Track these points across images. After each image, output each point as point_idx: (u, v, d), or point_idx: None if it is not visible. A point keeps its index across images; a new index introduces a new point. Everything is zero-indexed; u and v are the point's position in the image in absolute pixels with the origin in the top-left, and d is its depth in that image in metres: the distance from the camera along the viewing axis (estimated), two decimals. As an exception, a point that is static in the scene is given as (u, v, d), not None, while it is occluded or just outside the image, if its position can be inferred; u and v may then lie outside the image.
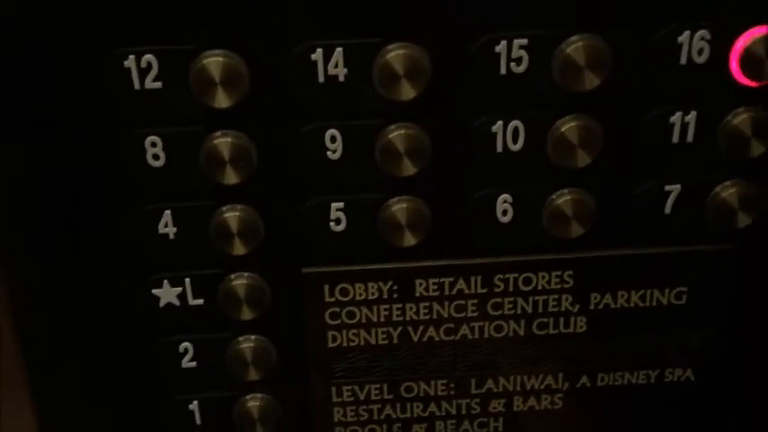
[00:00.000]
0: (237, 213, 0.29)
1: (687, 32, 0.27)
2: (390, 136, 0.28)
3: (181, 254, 0.30)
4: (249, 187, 0.28)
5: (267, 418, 0.32)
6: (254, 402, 0.32)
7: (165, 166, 0.28)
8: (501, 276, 0.31)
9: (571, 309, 0.31)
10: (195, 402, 0.32)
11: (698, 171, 0.29)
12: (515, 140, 0.28)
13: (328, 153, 0.28)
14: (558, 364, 0.32)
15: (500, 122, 0.28)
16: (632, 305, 0.31)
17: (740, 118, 0.28)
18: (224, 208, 0.29)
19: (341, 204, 0.29)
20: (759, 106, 0.28)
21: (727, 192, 0.29)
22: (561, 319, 0.32)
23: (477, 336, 0.32)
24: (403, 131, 0.28)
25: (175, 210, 0.29)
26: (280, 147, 0.28)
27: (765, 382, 0.33)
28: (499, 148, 0.28)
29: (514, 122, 0.28)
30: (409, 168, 0.28)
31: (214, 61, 0.26)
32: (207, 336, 0.31)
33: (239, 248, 0.29)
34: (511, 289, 0.31)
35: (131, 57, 0.26)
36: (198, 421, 0.33)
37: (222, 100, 0.27)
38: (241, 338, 0.31)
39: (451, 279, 0.30)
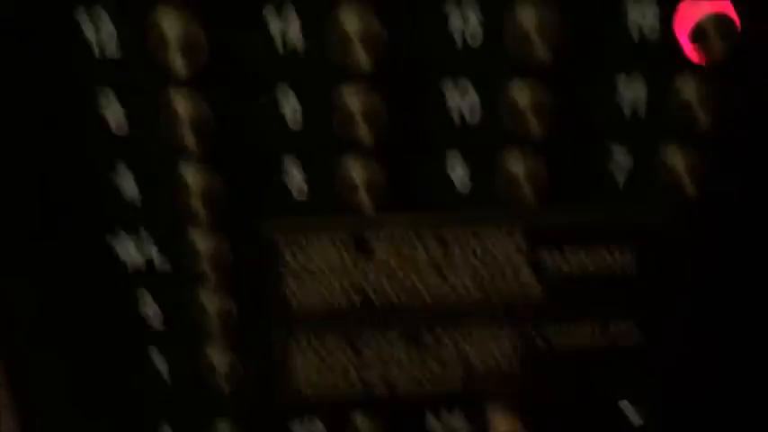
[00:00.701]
0: (195, 172, 0.30)
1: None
2: (346, 99, 0.28)
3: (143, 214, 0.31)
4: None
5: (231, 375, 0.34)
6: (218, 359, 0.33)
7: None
8: (453, 234, 0.31)
9: (521, 270, 0.32)
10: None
11: (645, 137, 0.30)
12: (468, 103, 0.29)
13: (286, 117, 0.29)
14: (513, 323, 0.33)
15: (452, 86, 0.29)
16: (581, 271, 0.32)
17: (687, 88, 0.29)
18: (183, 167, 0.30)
19: (299, 164, 0.30)
20: (711, 78, 0.29)
21: (673, 158, 0.30)
22: (512, 281, 0.33)
23: (432, 293, 0.33)
24: (356, 88, 0.28)
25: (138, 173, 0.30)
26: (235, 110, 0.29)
27: (710, 347, 0.34)
28: (453, 114, 0.29)
29: (465, 83, 0.29)
30: (365, 134, 0.29)
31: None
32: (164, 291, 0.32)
33: (199, 206, 0.30)
34: (465, 250, 0.32)
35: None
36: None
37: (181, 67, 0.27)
38: (202, 293, 0.32)
39: (407, 235, 0.31)
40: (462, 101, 0.29)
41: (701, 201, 0.31)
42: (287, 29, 0.28)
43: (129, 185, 0.30)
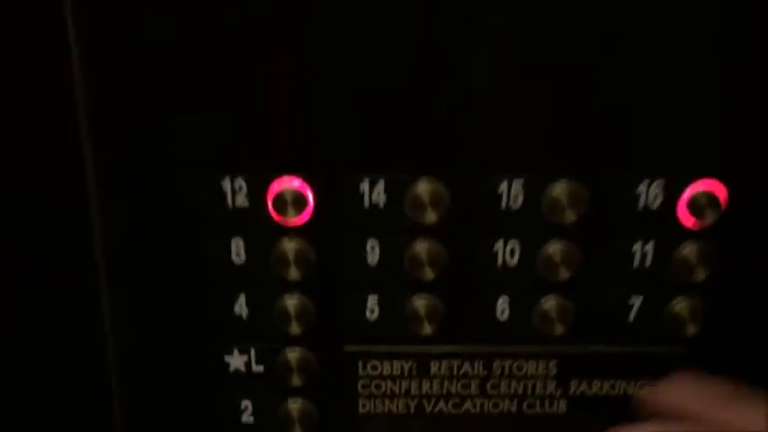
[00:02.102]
0: (296, 301, 0.38)
1: (646, 181, 0.36)
2: (416, 248, 0.36)
3: (249, 330, 0.38)
4: (307, 282, 0.37)
5: None
6: None
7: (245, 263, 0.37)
8: (498, 362, 0.39)
9: (554, 393, 0.39)
10: None
11: (655, 289, 0.37)
12: (512, 257, 0.37)
13: (368, 258, 0.37)
14: None
15: (500, 243, 0.36)
16: (604, 393, 0.39)
17: (688, 250, 0.36)
18: (286, 296, 0.38)
19: (375, 298, 0.38)
20: (703, 242, 0.36)
21: (679, 306, 0.37)
22: (546, 401, 0.40)
23: (478, 410, 0.40)
24: (426, 245, 0.36)
25: (248, 296, 0.38)
26: (332, 252, 0.37)
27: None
28: (499, 263, 0.37)
29: (512, 243, 0.36)
30: (429, 274, 0.37)
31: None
32: (263, 397, 0.40)
33: (296, 329, 0.38)
34: (506, 373, 0.39)
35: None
36: None
37: None
38: (290, 400, 0.40)
39: (459, 362, 0.39)
40: (506, 253, 0.37)
41: (701, 338, 0.38)
42: (376, 193, 0.36)
43: (241, 308, 0.38)
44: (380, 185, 0.36)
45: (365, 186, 0.36)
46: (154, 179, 0.35)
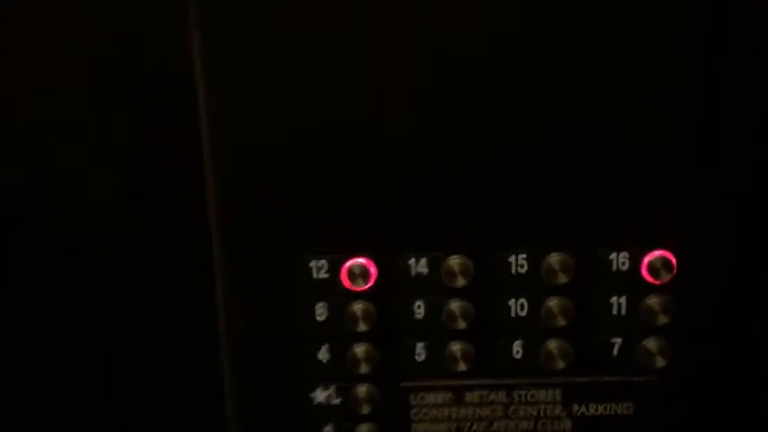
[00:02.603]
0: (364, 348, 0.51)
1: (615, 252, 0.49)
2: (451, 306, 0.50)
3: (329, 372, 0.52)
4: (371, 334, 0.50)
5: None
6: None
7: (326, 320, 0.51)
8: (517, 392, 0.52)
9: (561, 414, 0.52)
10: None
11: (630, 331, 0.50)
12: (522, 310, 0.50)
13: (416, 315, 0.50)
14: None
15: (513, 300, 0.50)
16: (599, 413, 0.52)
17: (652, 301, 0.49)
18: (356, 345, 0.51)
19: (423, 345, 0.51)
20: (663, 294, 0.49)
21: (650, 344, 0.50)
22: (555, 422, 0.52)
23: (503, 429, 0.52)
24: (458, 304, 0.50)
25: (329, 345, 0.51)
26: (389, 311, 0.50)
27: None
28: (513, 315, 0.50)
29: (521, 300, 0.50)
30: (461, 324, 0.50)
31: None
32: (341, 424, 0.53)
33: (364, 369, 0.51)
34: (523, 400, 0.52)
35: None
36: None
37: None
38: (361, 425, 0.53)
39: (487, 392, 0.52)
40: (518, 307, 0.50)
41: (669, 369, 0.50)
42: (420, 266, 0.49)
43: (323, 355, 0.51)
44: (423, 261, 0.49)
45: (412, 262, 0.49)
46: (268, 264, 0.49)
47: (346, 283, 0.49)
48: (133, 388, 0.56)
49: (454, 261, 0.49)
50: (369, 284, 0.49)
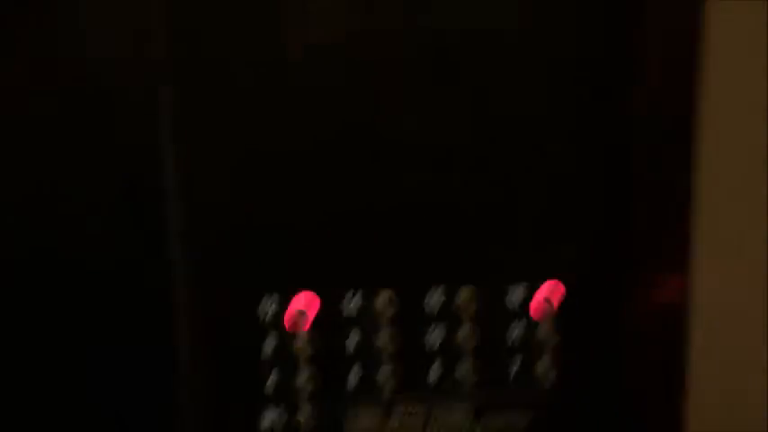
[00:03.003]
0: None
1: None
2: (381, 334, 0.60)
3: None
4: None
5: None
6: None
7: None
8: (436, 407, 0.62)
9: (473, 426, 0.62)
10: None
11: (527, 352, 0.61)
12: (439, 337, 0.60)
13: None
14: None
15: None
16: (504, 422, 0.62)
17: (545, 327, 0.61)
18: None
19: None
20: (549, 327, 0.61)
21: (541, 367, 0.61)
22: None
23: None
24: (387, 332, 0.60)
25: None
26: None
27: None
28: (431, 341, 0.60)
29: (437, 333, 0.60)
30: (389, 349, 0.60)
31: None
32: None
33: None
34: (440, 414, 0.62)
35: None
36: None
37: None
38: None
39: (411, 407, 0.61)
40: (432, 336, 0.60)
41: (556, 386, 0.61)
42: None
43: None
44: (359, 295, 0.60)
45: (349, 295, 0.59)
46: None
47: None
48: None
49: (384, 295, 0.59)
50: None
